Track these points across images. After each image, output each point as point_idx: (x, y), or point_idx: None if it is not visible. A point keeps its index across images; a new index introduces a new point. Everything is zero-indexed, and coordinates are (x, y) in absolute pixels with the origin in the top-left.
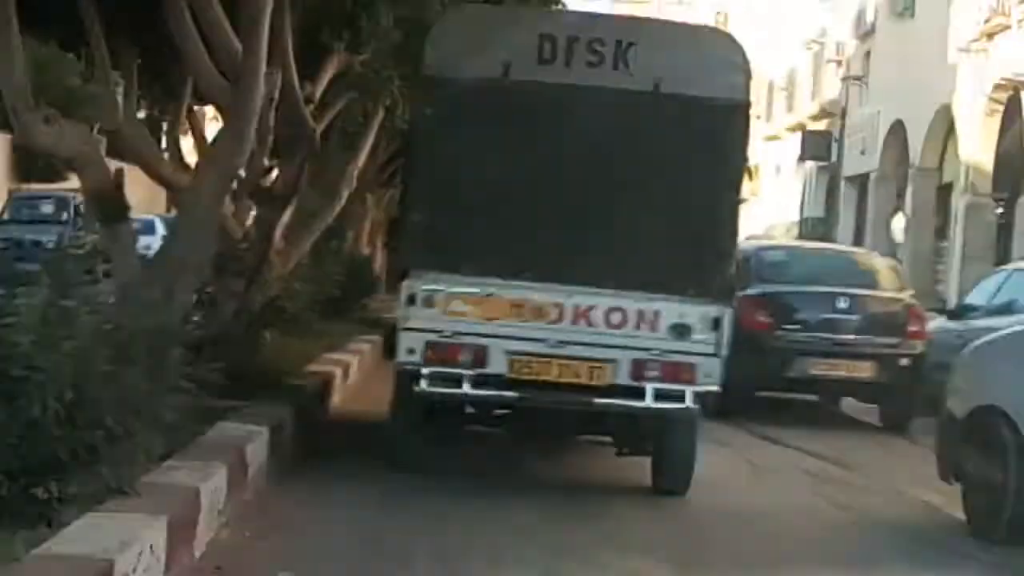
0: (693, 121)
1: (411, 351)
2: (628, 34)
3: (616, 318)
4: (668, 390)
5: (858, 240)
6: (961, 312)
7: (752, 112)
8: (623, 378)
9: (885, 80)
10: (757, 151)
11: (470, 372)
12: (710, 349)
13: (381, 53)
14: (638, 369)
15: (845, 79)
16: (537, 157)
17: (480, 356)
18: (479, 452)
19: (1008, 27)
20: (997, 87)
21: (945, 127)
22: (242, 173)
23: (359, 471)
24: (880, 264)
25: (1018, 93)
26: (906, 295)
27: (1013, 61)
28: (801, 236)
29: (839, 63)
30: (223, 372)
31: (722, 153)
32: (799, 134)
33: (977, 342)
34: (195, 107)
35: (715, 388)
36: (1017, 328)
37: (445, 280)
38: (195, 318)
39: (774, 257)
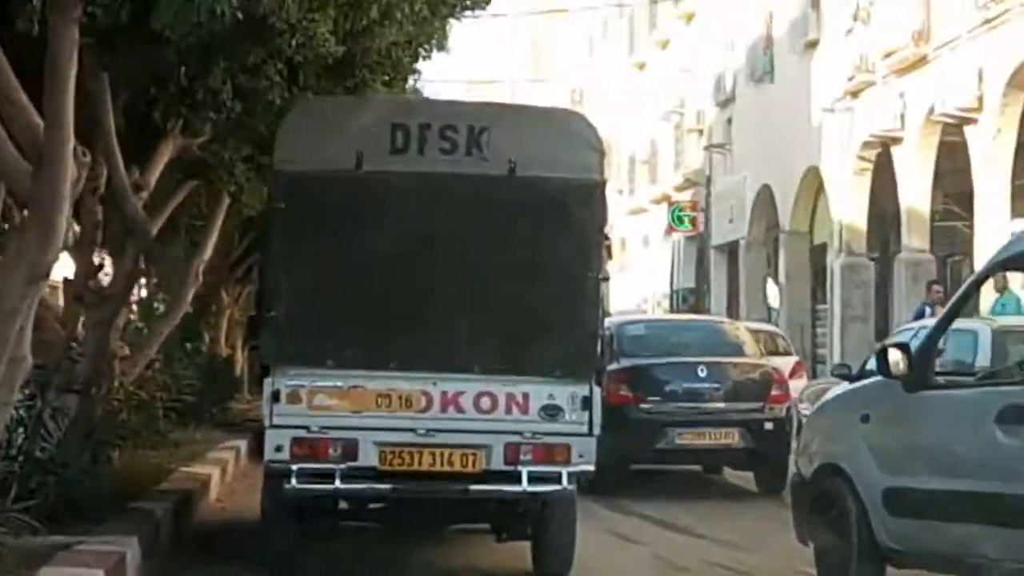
0: (550, 202)
1: (279, 448)
2: (480, 119)
3: (486, 403)
4: (543, 472)
5: (732, 308)
6: (865, 376)
7: (611, 188)
8: (497, 463)
9: (749, 146)
10: (622, 225)
11: (340, 466)
12: (583, 428)
13: (221, 131)
14: (511, 453)
15: (708, 148)
16: (395, 246)
17: (350, 449)
18: (356, 548)
19: (873, 83)
20: (866, 145)
21: (813, 189)
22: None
23: None
24: (743, 332)
25: (887, 149)
26: (767, 360)
27: (880, 117)
28: (673, 308)
29: (700, 132)
30: (61, 502)
31: (581, 232)
32: (665, 205)
33: (821, 401)
34: None
35: (590, 468)
36: (854, 386)
37: (309, 375)
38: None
39: (636, 331)
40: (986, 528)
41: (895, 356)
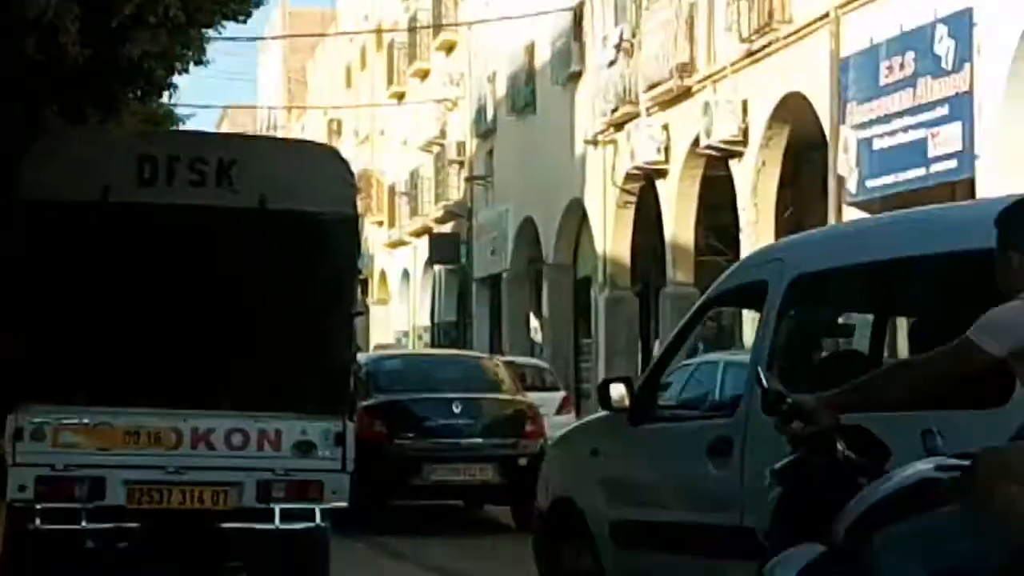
0: (301, 236)
1: (22, 488)
2: (231, 151)
3: (237, 439)
4: (296, 510)
5: (495, 342)
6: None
7: (370, 220)
8: (249, 500)
9: (510, 178)
10: (383, 258)
11: (87, 505)
12: (336, 465)
13: None
14: (264, 490)
15: (469, 179)
16: (145, 280)
17: (97, 488)
18: None
19: (637, 115)
20: (629, 177)
21: (576, 221)
22: None
23: None
24: (500, 368)
25: (651, 182)
26: (523, 396)
27: (644, 149)
28: (435, 342)
29: (461, 164)
30: None
31: (332, 266)
32: (426, 238)
33: (558, 435)
34: None
35: (343, 503)
36: (586, 420)
37: (54, 412)
38: None
39: (391, 366)
40: (694, 559)
41: (617, 390)
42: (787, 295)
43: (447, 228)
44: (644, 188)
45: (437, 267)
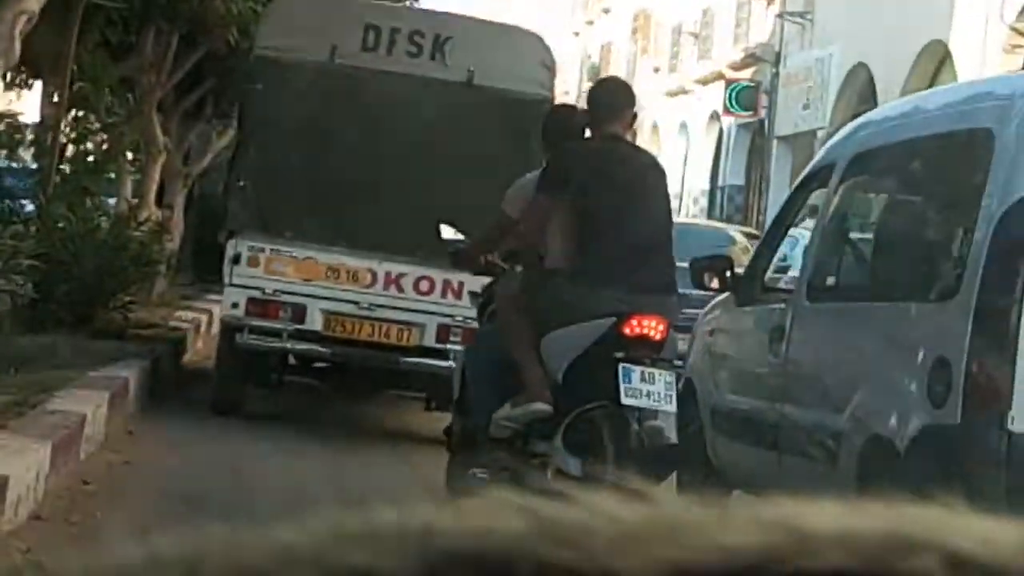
0: (501, 112)
1: (235, 305)
2: (446, 28)
3: (424, 286)
4: (464, 354)
5: None
6: None
7: (647, 65)
8: (429, 340)
9: (838, 14)
10: (657, 108)
11: (288, 327)
12: None
13: None
14: (443, 333)
15: (781, 16)
16: (357, 136)
17: (298, 313)
18: (297, 404)
19: None
20: None
21: (932, 69)
22: None
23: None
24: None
25: None
26: None
27: None
28: (712, 208)
29: None
30: None
31: (525, 142)
32: (714, 86)
33: None
34: None
35: None
36: (719, 297)
37: (268, 243)
38: None
39: None
40: (757, 451)
41: (708, 269)
42: (844, 173)
43: (745, 75)
44: None
45: (726, 120)
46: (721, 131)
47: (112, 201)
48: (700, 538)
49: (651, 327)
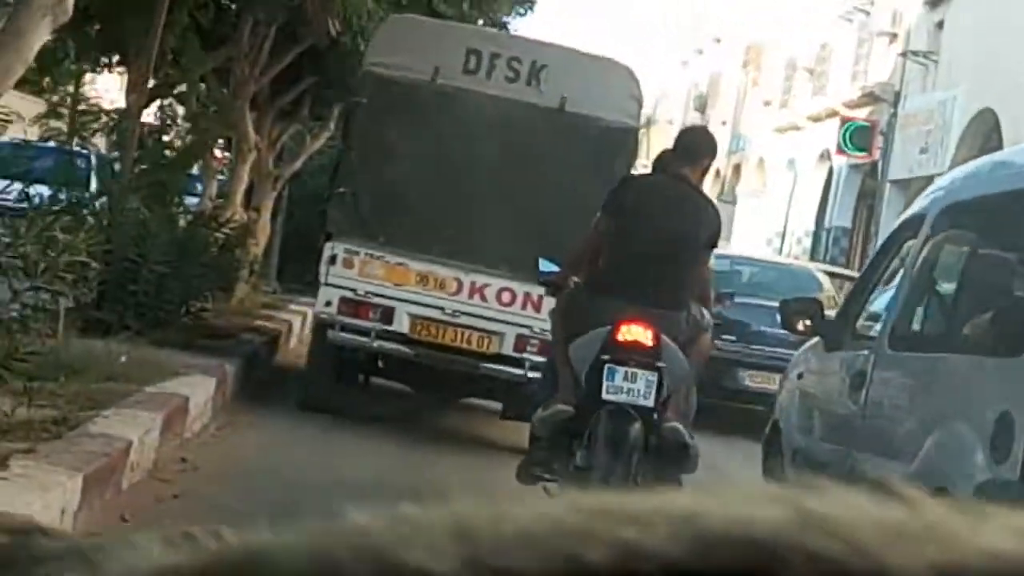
0: (590, 138)
1: (328, 303)
2: (542, 56)
3: (506, 297)
4: (544, 363)
5: None
6: None
7: (758, 98)
8: (507, 349)
9: (965, 55)
10: (764, 143)
11: (377, 327)
12: None
13: None
14: (520, 343)
15: (904, 54)
16: (454, 153)
17: (387, 315)
18: (379, 407)
19: None
20: None
21: None
22: None
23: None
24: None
25: None
26: None
27: None
28: (818, 249)
29: (894, 36)
30: None
31: (609, 169)
32: (827, 124)
33: None
34: None
35: None
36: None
37: (364, 246)
38: None
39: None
40: None
41: (797, 312)
42: (934, 224)
43: (861, 114)
44: None
45: (837, 160)
46: (831, 171)
47: (194, 201)
48: (964, 541)
49: (638, 333)
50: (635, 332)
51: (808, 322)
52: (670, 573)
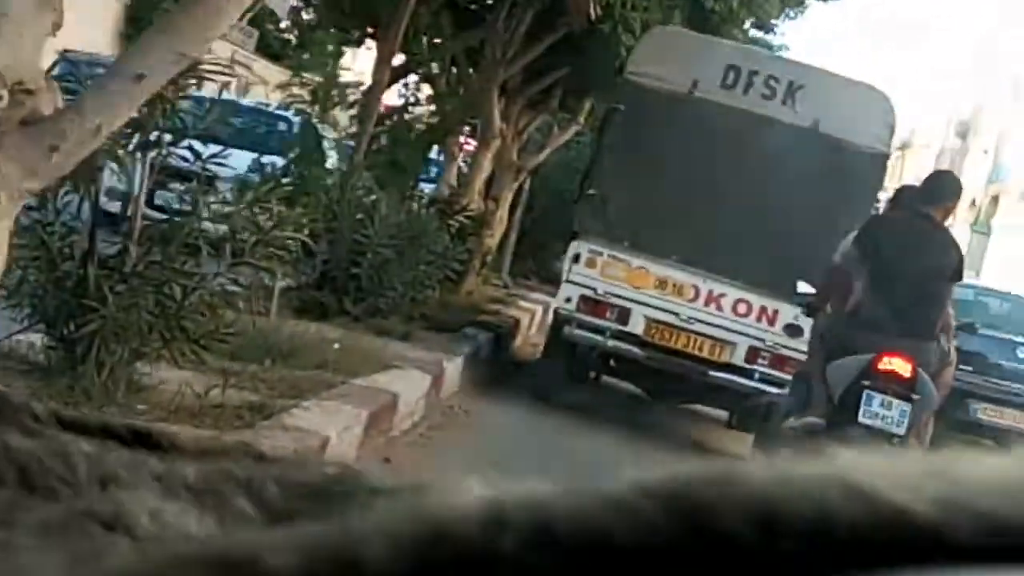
0: (840, 161)
1: (568, 300)
2: (799, 76)
3: (742, 308)
4: (773, 376)
5: None
6: None
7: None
8: (738, 359)
9: None
10: None
11: (612, 327)
12: None
13: None
14: (752, 355)
15: None
16: (704, 164)
17: (623, 316)
18: (606, 405)
19: None
20: None
21: None
22: None
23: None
24: None
25: None
26: None
27: None
28: None
29: None
30: None
31: (858, 192)
32: None
33: None
34: None
35: None
36: None
37: (608, 248)
38: None
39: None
40: None
41: None
42: None
43: None
44: None
45: None
46: None
47: (430, 187)
48: None
49: (898, 365)
50: (895, 364)
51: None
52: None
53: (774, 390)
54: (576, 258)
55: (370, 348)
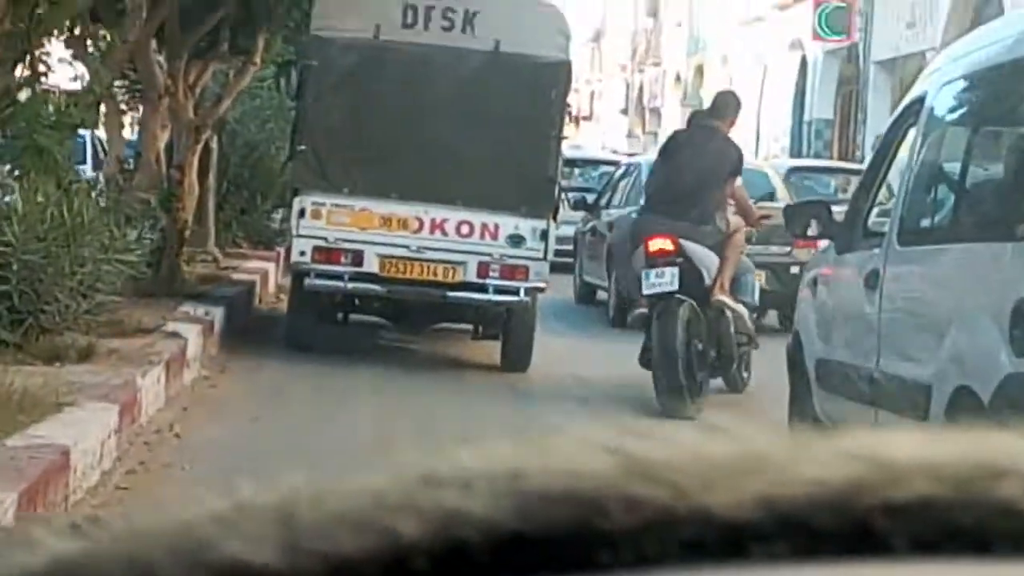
0: (525, 75)
1: (303, 253)
2: (473, 3)
3: (465, 229)
4: (506, 286)
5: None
6: None
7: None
8: (471, 277)
9: None
10: (723, 41)
11: (349, 270)
12: (539, 255)
13: None
14: (482, 270)
15: None
16: (402, 102)
17: (357, 258)
18: (357, 339)
19: None
20: None
21: None
22: None
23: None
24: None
25: None
26: None
27: None
28: (798, 145)
29: None
30: None
31: (548, 101)
32: (795, 11)
33: None
34: None
35: (543, 285)
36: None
37: (329, 198)
38: None
39: None
40: (855, 406)
41: (802, 216)
42: (934, 105)
43: None
44: None
45: (811, 49)
46: (804, 60)
47: (83, 168)
48: (788, 471)
49: (661, 243)
50: (659, 243)
51: (815, 226)
52: (492, 537)
53: (510, 298)
54: (301, 213)
55: (34, 385)
